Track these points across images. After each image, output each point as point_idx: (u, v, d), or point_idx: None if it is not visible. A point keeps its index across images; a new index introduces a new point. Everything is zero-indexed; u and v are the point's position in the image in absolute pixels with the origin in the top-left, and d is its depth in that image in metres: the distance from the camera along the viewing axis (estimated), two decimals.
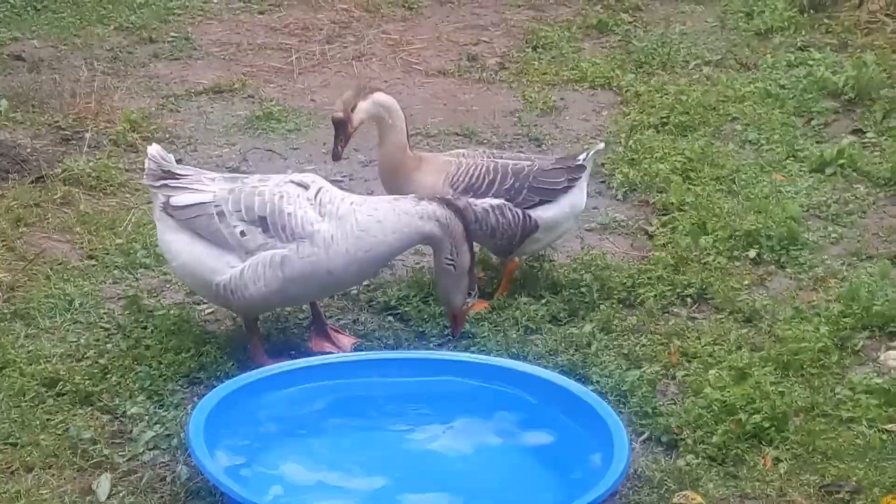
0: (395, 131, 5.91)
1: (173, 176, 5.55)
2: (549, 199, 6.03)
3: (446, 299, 5.62)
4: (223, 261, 5.39)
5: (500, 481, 4.89)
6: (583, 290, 6.17)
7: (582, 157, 6.13)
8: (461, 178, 5.96)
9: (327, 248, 5.34)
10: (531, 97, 8.53)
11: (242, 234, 5.37)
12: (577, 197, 6.10)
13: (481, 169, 6.00)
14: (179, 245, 5.50)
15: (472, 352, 5.64)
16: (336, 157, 6.06)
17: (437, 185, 5.90)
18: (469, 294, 5.59)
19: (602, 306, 6.08)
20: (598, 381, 5.50)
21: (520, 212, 5.96)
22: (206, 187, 5.50)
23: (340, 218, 5.37)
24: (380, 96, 5.93)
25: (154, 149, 5.61)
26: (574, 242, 6.76)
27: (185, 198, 5.48)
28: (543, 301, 6.11)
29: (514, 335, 5.82)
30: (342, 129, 5.97)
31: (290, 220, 5.35)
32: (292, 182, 5.47)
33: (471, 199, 5.93)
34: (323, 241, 5.34)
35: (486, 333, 5.83)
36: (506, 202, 5.97)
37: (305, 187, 5.44)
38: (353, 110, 5.92)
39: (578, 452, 4.90)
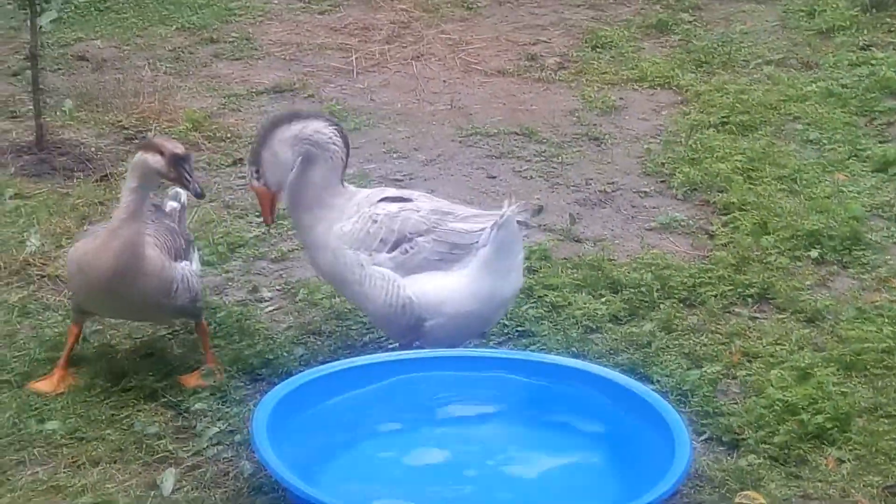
0: None
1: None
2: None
3: None
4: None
5: (560, 479, 4.89)
6: (643, 289, 6.16)
7: None
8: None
9: None
10: (591, 97, 8.52)
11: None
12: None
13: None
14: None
15: (532, 350, 5.65)
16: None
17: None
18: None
19: (662, 305, 6.08)
20: (658, 381, 5.49)
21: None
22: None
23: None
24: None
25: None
26: (634, 242, 6.76)
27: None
28: (603, 300, 6.11)
29: (575, 334, 5.82)
30: None
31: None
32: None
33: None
34: None
35: (546, 332, 5.84)
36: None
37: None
38: None
39: (639, 451, 4.89)
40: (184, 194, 5.86)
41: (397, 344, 5.53)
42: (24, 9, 7.64)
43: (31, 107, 7.73)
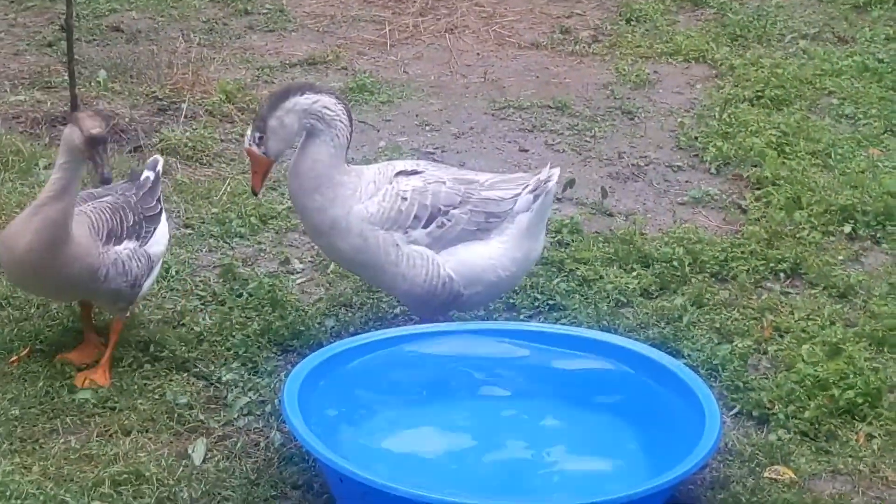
0: None
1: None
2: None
3: None
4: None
5: (589, 453, 4.90)
6: (674, 263, 6.15)
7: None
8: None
9: None
10: (624, 70, 8.49)
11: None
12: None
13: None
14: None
15: (563, 324, 5.65)
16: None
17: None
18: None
19: (694, 280, 6.07)
20: (689, 355, 5.49)
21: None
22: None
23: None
24: None
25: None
26: (666, 216, 6.74)
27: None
28: (634, 274, 6.10)
29: (605, 308, 5.82)
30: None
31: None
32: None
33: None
34: None
35: (576, 306, 5.84)
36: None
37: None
38: None
39: (669, 425, 4.89)
40: (160, 162, 5.73)
41: (419, 318, 5.53)
42: None
43: (65, 77, 7.76)
